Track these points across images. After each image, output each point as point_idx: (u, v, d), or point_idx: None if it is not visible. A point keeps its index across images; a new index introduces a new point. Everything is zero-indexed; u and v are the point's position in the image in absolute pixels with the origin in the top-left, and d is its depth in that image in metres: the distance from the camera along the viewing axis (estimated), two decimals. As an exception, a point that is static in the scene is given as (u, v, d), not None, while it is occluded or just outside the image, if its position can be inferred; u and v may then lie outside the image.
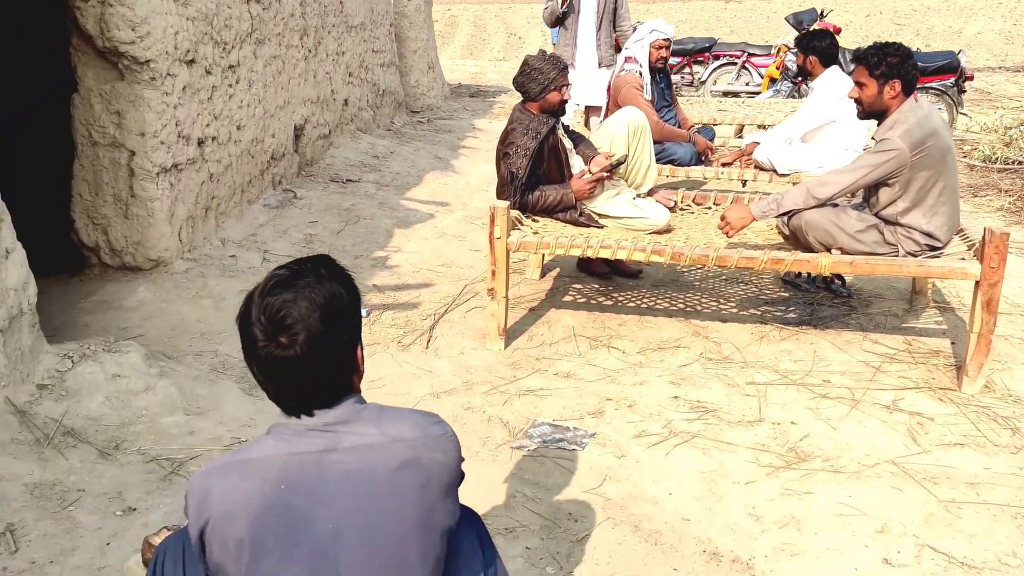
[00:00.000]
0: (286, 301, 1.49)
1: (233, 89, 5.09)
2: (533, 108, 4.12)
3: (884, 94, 3.64)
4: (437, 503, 1.57)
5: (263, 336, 1.48)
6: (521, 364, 3.86)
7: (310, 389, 1.52)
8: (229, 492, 1.47)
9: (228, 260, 4.77)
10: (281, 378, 1.51)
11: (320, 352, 1.50)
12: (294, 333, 1.47)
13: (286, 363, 1.48)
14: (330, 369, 1.53)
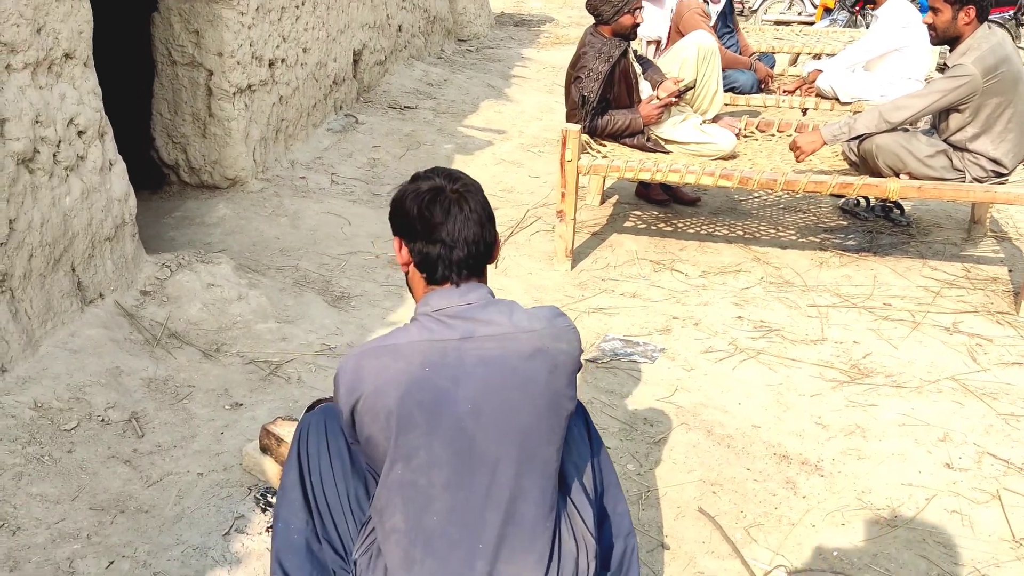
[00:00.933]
0: (448, 169, 1.77)
1: (300, 11, 5.18)
2: (605, 32, 4.17)
3: (958, 20, 3.66)
4: (562, 388, 1.72)
5: (445, 181, 1.72)
6: (588, 284, 4.00)
7: (476, 241, 1.70)
8: (380, 371, 1.62)
9: (299, 181, 4.93)
10: (455, 222, 1.69)
11: (484, 206, 1.72)
12: (467, 184, 1.73)
13: (464, 204, 1.70)
14: (488, 230, 1.72)
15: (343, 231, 4.44)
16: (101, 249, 3.23)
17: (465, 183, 1.73)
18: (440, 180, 1.73)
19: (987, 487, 2.61)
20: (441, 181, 1.72)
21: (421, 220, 1.69)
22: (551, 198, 4.99)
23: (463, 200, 1.69)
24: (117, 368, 2.98)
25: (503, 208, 4.89)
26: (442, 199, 1.69)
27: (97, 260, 3.21)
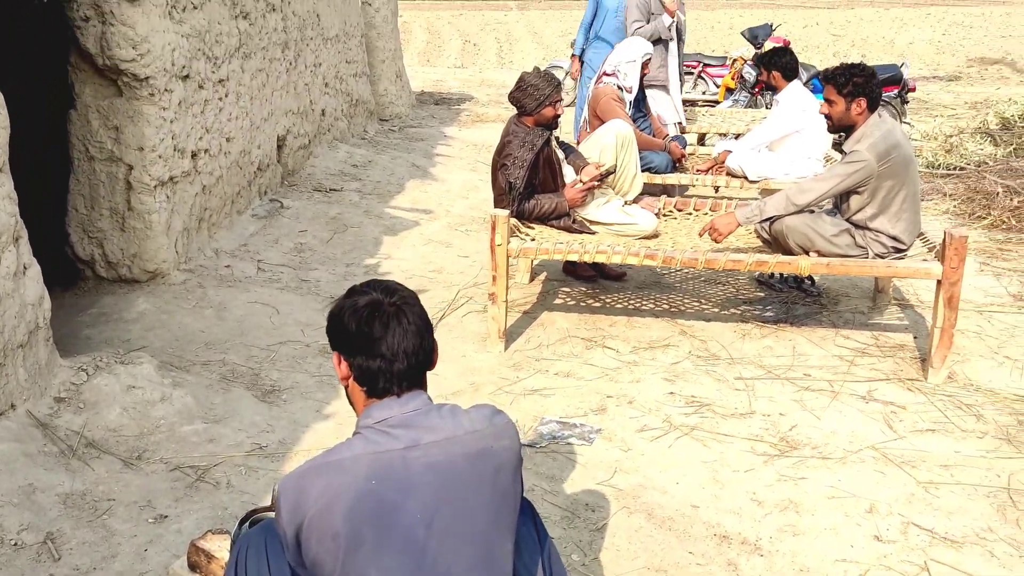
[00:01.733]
0: (384, 281, 1.82)
1: (223, 102, 5.20)
2: (528, 122, 4.33)
3: (851, 110, 3.95)
4: (509, 486, 1.76)
5: (382, 294, 1.76)
6: (522, 365, 4.06)
7: (416, 352, 1.74)
8: (325, 489, 1.62)
9: (224, 270, 4.88)
10: (394, 336, 1.72)
11: (422, 317, 1.77)
12: (404, 297, 1.78)
13: (403, 317, 1.74)
14: (427, 340, 1.77)
15: (271, 320, 4.40)
16: (13, 357, 3.10)
17: (402, 295, 1.78)
18: (377, 294, 1.76)
19: (915, 559, 2.72)
20: (378, 295, 1.76)
21: (360, 336, 1.72)
22: (481, 277, 5.07)
23: (401, 313, 1.74)
24: (30, 485, 2.86)
25: (434, 289, 4.94)
26: (380, 314, 1.73)
27: (8, 369, 3.09)
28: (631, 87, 5.54)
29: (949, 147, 8.39)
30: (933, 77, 17.24)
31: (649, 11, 6.33)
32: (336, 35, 7.75)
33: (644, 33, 6.29)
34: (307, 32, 6.90)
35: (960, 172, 7.47)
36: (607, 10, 7.39)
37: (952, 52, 22.49)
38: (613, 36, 7.39)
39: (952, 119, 10.70)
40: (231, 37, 5.24)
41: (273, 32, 6.04)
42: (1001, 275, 5.19)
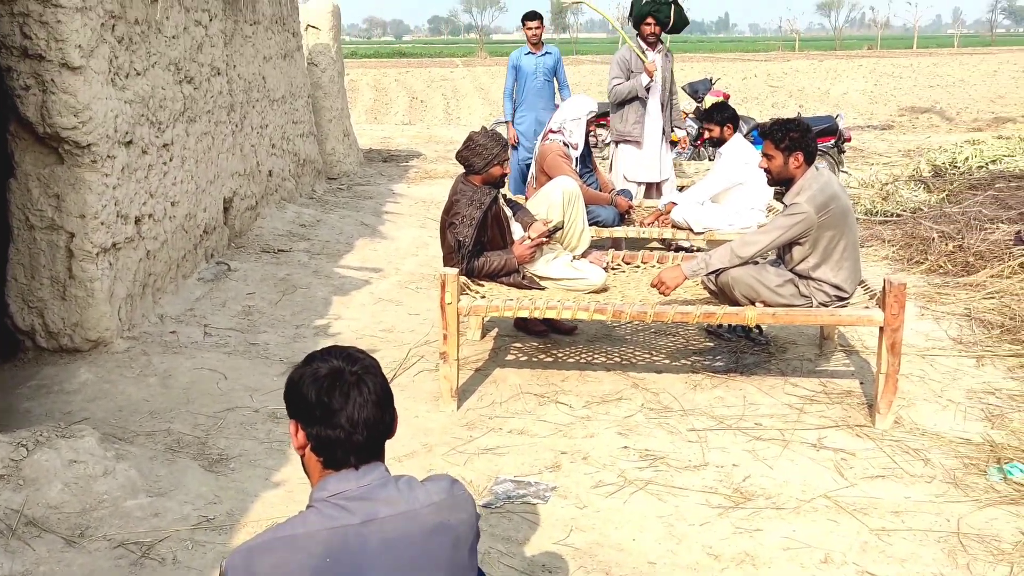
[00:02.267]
0: (345, 348, 1.76)
1: (168, 167, 5.16)
2: (476, 180, 4.38)
3: (789, 164, 4.07)
4: (465, 559, 1.73)
5: (343, 362, 1.70)
6: (475, 424, 4.03)
7: (376, 423, 1.69)
8: (277, 566, 1.57)
9: (169, 336, 4.79)
10: (354, 406, 1.67)
11: (383, 386, 1.72)
12: (366, 366, 1.72)
13: (363, 386, 1.68)
14: (388, 411, 1.72)
15: (218, 386, 4.32)
16: (-48, 434, 3.01)
17: (364, 364, 1.73)
18: (339, 362, 1.71)
19: (870, 606, 2.74)
20: (340, 363, 1.71)
21: (320, 405, 1.67)
22: (432, 336, 5.04)
23: (362, 383, 1.69)
24: (-32, 570, 2.74)
25: (384, 349, 4.90)
26: (341, 383, 1.68)
27: (-52, 446, 2.98)
28: (577, 143, 5.64)
29: (886, 194, 8.68)
30: (867, 126, 17.88)
31: (629, 69, 6.49)
32: (282, 96, 7.78)
33: (622, 90, 6.47)
34: (253, 94, 6.91)
35: (897, 218, 7.72)
36: (526, 73, 7.63)
37: (884, 102, 23.39)
38: (536, 97, 7.63)
39: (887, 167, 11.09)
40: (175, 102, 5.23)
41: (218, 95, 6.04)
42: (941, 319, 5.33)
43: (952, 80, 29.45)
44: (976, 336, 5.03)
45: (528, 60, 7.69)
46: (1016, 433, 3.83)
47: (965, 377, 4.48)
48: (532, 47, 7.71)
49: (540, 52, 7.72)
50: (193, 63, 5.57)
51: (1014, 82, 27.90)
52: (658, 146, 6.57)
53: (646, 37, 6.44)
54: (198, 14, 5.69)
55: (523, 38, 7.91)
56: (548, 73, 7.72)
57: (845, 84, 28.67)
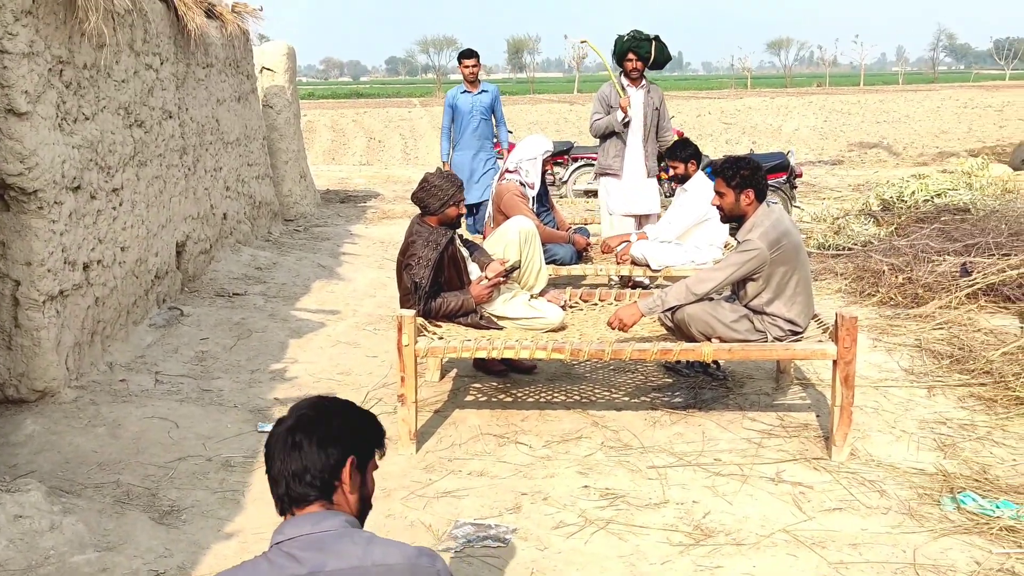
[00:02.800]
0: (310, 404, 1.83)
1: (117, 211, 5.08)
2: (432, 221, 4.37)
3: (741, 201, 4.14)
4: None
5: (289, 416, 1.79)
6: (434, 467, 3.98)
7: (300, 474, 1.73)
8: None
9: (119, 385, 4.68)
10: (280, 458, 1.75)
11: (321, 436, 1.74)
12: (304, 415, 1.78)
13: (290, 438, 1.75)
14: (320, 458, 1.73)
15: (170, 435, 4.22)
16: None
17: (302, 415, 1.78)
18: (286, 417, 1.80)
19: (830, 642, 2.73)
20: (285, 418, 1.80)
21: (264, 459, 1.78)
22: (390, 377, 4.99)
23: (292, 434, 1.75)
24: (-91, 631, 2.62)
25: (342, 392, 4.83)
26: (273, 436, 1.78)
27: None
28: (533, 183, 5.68)
29: (837, 228, 8.86)
30: (818, 161, 18.32)
31: (608, 105, 6.56)
32: (237, 139, 7.74)
33: (600, 125, 6.53)
34: (206, 137, 6.87)
35: (849, 252, 7.87)
36: (463, 112, 7.65)
37: (834, 137, 24.01)
38: (473, 137, 7.64)
39: (838, 201, 11.34)
40: (125, 146, 5.17)
41: (170, 139, 5.99)
42: (892, 350, 5.43)
43: (898, 116, 30.36)
44: (927, 367, 5.12)
45: (464, 99, 7.69)
46: (968, 462, 3.89)
47: (917, 407, 4.55)
48: (469, 85, 7.72)
49: (477, 91, 7.72)
50: (144, 107, 5.52)
51: (956, 118, 28.86)
52: (640, 180, 6.56)
53: (629, 73, 6.53)
54: (149, 58, 5.66)
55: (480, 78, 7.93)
56: (485, 111, 7.71)
57: (796, 120, 29.40)
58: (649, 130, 6.56)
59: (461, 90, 7.74)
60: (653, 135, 6.61)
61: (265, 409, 4.59)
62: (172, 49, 6.15)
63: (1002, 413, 4.39)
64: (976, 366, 4.98)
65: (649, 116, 6.54)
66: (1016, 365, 4.88)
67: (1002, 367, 4.89)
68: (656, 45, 6.48)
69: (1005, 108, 31.65)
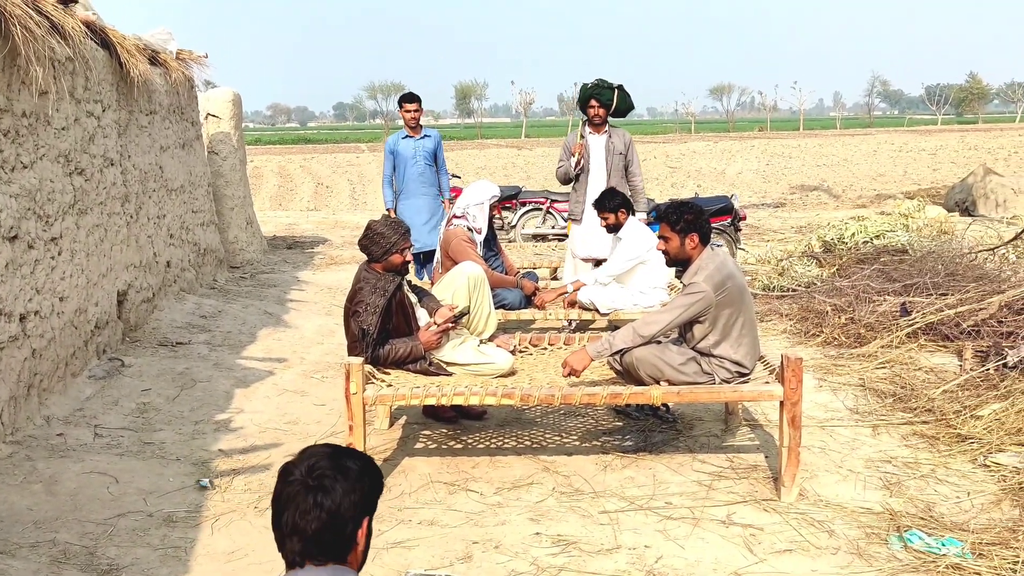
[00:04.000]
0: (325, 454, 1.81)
1: (56, 261, 4.96)
2: (378, 268, 4.35)
3: (686, 245, 4.20)
4: None
5: (298, 474, 1.78)
6: (384, 517, 3.91)
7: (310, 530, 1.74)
8: None
9: (56, 439, 4.52)
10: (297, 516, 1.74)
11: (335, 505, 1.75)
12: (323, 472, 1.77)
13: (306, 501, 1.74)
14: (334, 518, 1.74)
15: (109, 491, 4.08)
16: None
17: (322, 472, 1.77)
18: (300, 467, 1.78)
19: None
20: (298, 468, 1.78)
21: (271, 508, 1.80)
22: (339, 426, 4.91)
23: (313, 493, 1.75)
24: None
25: (289, 442, 4.74)
26: (290, 489, 1.77)
27: None
28: (480, 228, 5.71)
29: (781, 270, 9.05)
30: (762, 204, 18.76)
31: (570, 152, 6.69)
32: (181, 186, 7.65)
33: (560, 172, 6.73)
34: (149, 184, 6.77)
35: (793, 293, 8.04)
36: (405, 159, 7.49)
37: (776, 180, 24.65)
38: (417, 183, 7.49)
39: (781, 243, 11.60)
40: (65, 194, 5.07)
41: (112, 186, 5.89)
42: (838, 390, 5.52)
43: (837, 160, 31.33)
44: (871, 406, 5.22)
45: (406, 144, 7.51)
46: (913, 500, 3.95)
47: (863, 446, 4.62)
48: (410, 131, 7.56)
49: (419, 135, 7.55)
50: (84, 154, 5.43)
51: (892, 161, 29.89)
52: (598, 224, 6.63)
53: (591, 119, 6.68)
54: (90, 105, 5.58)
55: (426, 124, 7.91)
56: (428, 157, 7.54)
57: (740, 164, 30.14)
58: (611, 174, 6.68)
59: (403, 135, 7.58)
60: (618, 179, 6.73)
61: (209, 461, 4.47)
62: (114, 96, 6.08)
63: (944, 450, 4.49)
64: (918, 404, 5.09)
65: (610, 161, 6.67)
66: (956, 403, 5.00)
67: (943, 405, 5.01)
68: (619, 94, 6.67)
69: (938, 152, 32.91)
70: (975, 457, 4.36)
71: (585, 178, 6.64)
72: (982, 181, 14.70)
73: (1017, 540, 3.47)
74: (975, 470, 4.25)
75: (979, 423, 4.65)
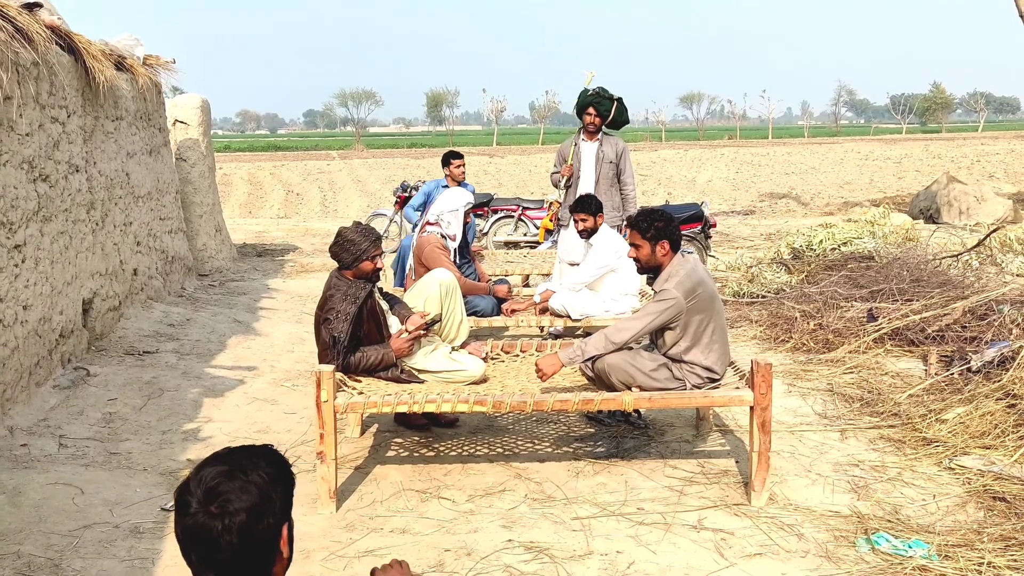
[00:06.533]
0: (220, 473, 1.59)
1: (19, 269, 4.88)
2: (349, 275, 4.33)
3: (656, 252, 4.23)
4: None
5: (196, 504, 1.57)
6: (355, 525, 3.88)
7: (224, 558, 1.58)
8: None
9: (19, 450, 4.44)
10: (206, 549, 1.57)
11: (246, 527, 1.58)
12: (208, 486, 1.58)
13: (212, 533, 1.56)
14: (253, 547, 1.60)
15: (74, 502, 4.01)
16: None
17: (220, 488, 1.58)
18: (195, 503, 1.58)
19: None
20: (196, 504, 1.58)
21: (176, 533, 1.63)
22: (309, 435, 4.87)
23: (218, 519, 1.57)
24: None
25: (258, 453, 4.68)
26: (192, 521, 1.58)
27: None
28: (454, 235, 5.70)
29: (751, 277, 9.13)
30: (732, 212, 18.92)
31: (563, 159, 7.07)
32: (148, 193, 7.55)
33: (554, 178, 7.12)
34: (115, 191, 6.68)
35: (763, 299, 8.11)
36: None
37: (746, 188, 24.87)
38: None
39: (751, 250, 11.71)
40: (28, 201, 4.99)
41: (77, 193, 5.80)
42: (807, 395, 5.58)
43: (805, 167, 31.71)
44: (839, 410, 5.28)
45: None
46: (880, 503, 4.00)
47: (831, 450, 4.67)
48: (452, 182, 7.73)
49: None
50: (49, 160, 5.35)
51: (859, 169, 30.32)
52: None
53: (587, 126, 6.90)
54: (55, 111, 5.50)
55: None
56: None
57: (710, 172, 30.39)
58: (600, 182, 6.80)
59: (443, 184, 7.78)
60: (607, 186, 6.83)
61: (177, 471, 4.41)
62: (80, 102, 6.00)
63: (910, 454, 4.55)
64: (885, 408, 5.16)
65: (598, 168, 6.78)
66: (921, 407, 5.08)
67: (909, 409, 5.08)
68: (617, 107, 6.84)
69: (903, 160, 33.45)
70: (940, 460, 4.43)
71: (575, 185, 6.84)
72: (945, 189, 14.97)
73: (982, 542, 3.53)
74: (940, 473, 4.31)
75: (944, 427, 4.73)
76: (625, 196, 6.91)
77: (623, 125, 7.11)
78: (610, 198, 6.87)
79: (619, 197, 7.01)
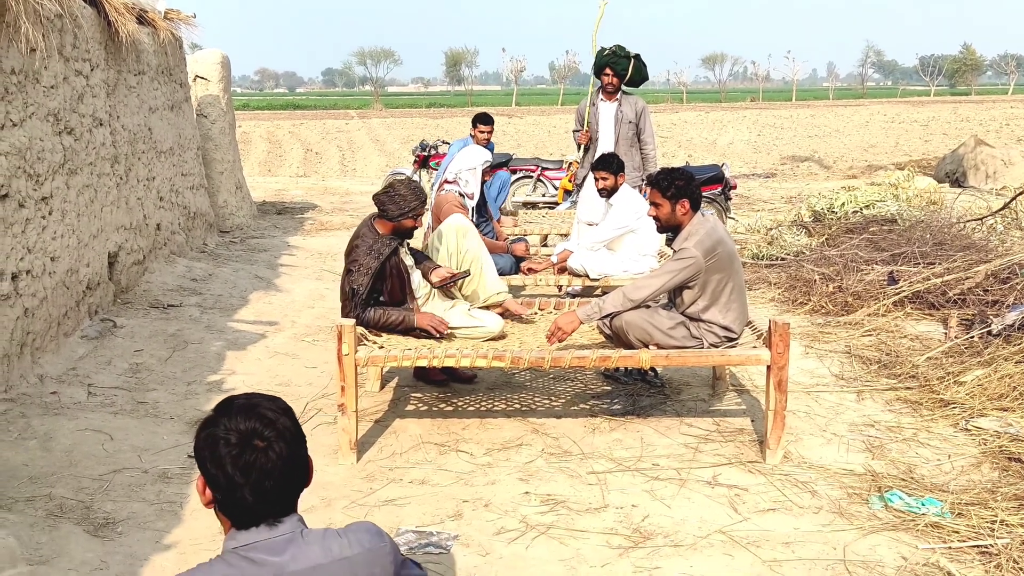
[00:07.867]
0: (256, 406, 1.69)
1: (47, 220, 4.95)
2: (382, 227, 4.36)
3: (676, 211, 4.23)
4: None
5: (254, 424, 1.66)
6: (376, 476, 3.97)
7: (281, 487, 1.67)
8: None
9: (50, 397, 4.55)
10: (260, 479, 1.64)
11: (292, 446, 1.69)
12: (278, 430, 1.68)
13: (270, 454, 1.64)
14: (296, 469, 1.70)
15: (104, 448, 4.12)
16: None
17: (276, 428, 1.67)
18: (248, 424, 1.65)
19: (765, 637, 2.80)
20: (249, 426, 1.65)
21: (225, 477, 1.65)
22: (330, 388, 4.96)
23: (269, 451, 1.65)
24: None
25: (280, 404, 4.77)
26: (247, 454, 1.64)
27: None
28: (472, 193, 5.71)
29: (770, 239, 9.09)
30: (752, 174, 18.77)
31: (582, 117, 7.18)
32: (170, 148, 7.60)
33: (576, 139, 7.22)
34: (139, 146, 6.73)
35: (782, 262, 8.09)
36: None
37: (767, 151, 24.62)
38: None
39: (771, 213, 11.64)
40: (55, 153, 5.04)
41: (101, 147, 5.85)
42: (824, 356, 5.59)
43: (828, 130, 31.31)
44: (856, 372, 5.30)
45: None
46: (894, 463, 4.04)
47: (847, 411, 4.70)
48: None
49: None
50: (74, 114, 5.40)
51: (884, 132, 29.91)
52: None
53: (605, 86, 6.89)
54: (79, 64, 5.54)
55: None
56: None
57: (731, 134, 30.08)
58: (619, 142, 6.80)
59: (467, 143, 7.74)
60: (626, 147, 6.82)
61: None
62: (103, 55, 6.02)
63: (927, 415, 4.57)
64: (902, 371, 5.17)
65: (617, 129, 6.77)
66: (940, 369, 5.08)
67: (927, 371, 5.09)
68: (634, 64, 6.79)
69: (930, 123, 32.94)
70: (957, 422, 4.45)
71: (594, 146, 6.83)
72: (973, 152, 14.75)
73: (995, 500, 3.56)
74: (956, 434, 4.34)
75: (962, 389, 4.74)
76: (645, 156, 6.90)
77: (643, 82, 7.07)
78: (630, 158, 6.86)
79: (639, 157, 7.00)
